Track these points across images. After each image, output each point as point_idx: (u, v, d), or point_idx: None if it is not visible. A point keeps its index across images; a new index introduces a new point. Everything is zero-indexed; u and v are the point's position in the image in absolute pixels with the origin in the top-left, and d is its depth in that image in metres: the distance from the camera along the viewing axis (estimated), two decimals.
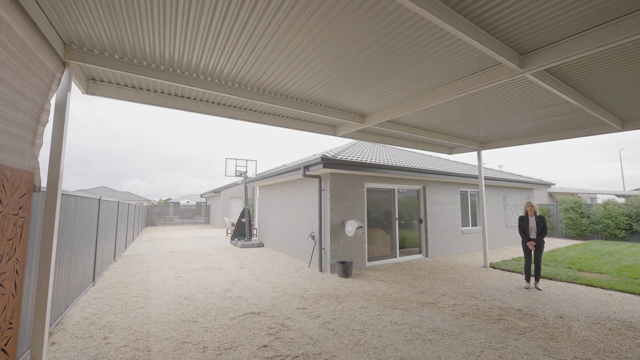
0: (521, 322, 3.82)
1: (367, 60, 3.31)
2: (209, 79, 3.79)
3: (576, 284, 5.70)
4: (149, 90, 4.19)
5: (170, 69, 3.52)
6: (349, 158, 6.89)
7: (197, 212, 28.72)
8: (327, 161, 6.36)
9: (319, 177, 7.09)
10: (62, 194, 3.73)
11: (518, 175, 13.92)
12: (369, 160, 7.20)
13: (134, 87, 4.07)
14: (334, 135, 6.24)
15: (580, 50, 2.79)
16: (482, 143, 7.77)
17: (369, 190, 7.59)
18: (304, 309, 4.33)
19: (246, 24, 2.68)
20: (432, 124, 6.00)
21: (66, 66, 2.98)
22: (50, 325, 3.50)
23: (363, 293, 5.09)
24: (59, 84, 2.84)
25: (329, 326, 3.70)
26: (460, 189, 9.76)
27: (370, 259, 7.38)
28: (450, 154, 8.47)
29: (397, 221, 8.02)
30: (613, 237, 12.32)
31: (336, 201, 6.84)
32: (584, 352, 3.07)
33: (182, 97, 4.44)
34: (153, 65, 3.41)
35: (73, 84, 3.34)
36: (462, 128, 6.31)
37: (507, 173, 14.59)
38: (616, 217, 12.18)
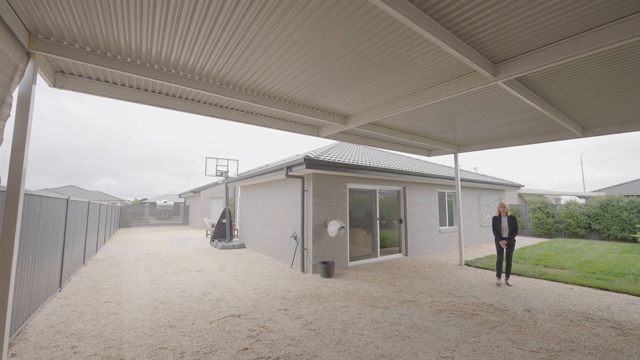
0: (493, 317, 4.04)
1: (350, 63, 3.37)
2: (189, 76, 3.67)
3: (542, 279, 6.10)
4: (123, 85, 3.99)
5: (147, 64, 3.37)
6: (332, 159, 6.95)
7: (175, 213, 27.68)
8: (310, 162, 6.37)
9: (301, 177, 7.09)
10: (25, 193, 3.48)
11: (491, 177, 14.66)
12: (351, 161, 7.30)
13: (107, 81, 3.86)
14: (317, 136, 6.26)
15: (547, 62, 3.01)
16: (458, 146, 8.11)
17: (351, 190, 7.69)
18: (285, 310, 4.31)
19: (228, 22, 2.63)
20: (412, 127, 6.19)
21: (31, 57, 2.77)
22: (11, 335, 3.24)
23: (345, 292, 5.15)
24: (22, 76, 2.64)
25: (311, 326, 3.72)
26: (438, 190, 10.13)
27: (352, 259, 7.48)
28: (429, 156, 8.77)
29: (378, 221, 8.19)
30: (574, 235, 13.30)
31: (319, 202, 6.87)
32: (548, 343, 3.29)
33: (159, 93, 4.27)
34: (128, 60, 3.26)
35: (39, 76, 3.11)
36: (440, 131, 6.56)
37: (482, 175, 15.32)
38: (577, 217, 13.16)
